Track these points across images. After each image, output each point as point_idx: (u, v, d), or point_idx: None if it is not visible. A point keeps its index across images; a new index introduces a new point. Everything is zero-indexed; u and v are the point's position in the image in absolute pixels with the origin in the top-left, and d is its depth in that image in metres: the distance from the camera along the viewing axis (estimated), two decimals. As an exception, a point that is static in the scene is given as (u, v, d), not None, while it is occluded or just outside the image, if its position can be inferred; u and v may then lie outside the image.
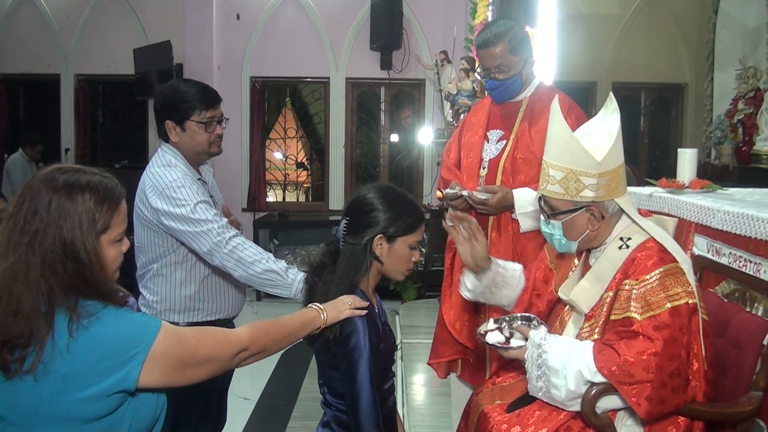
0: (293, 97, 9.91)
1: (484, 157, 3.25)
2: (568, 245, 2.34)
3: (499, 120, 3.27)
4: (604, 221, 2.28)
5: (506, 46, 3.07)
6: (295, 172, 10.02)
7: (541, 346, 2.21)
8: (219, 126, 2.88)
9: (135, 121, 9.89)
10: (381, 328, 2.21)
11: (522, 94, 3.23)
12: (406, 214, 2.23)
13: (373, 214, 2.20)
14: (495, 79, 3.16)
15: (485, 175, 3.21)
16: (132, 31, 9.38)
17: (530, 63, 3.19)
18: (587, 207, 2.25)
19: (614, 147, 2.22)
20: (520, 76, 3.15)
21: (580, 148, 2.21)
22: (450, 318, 3.28)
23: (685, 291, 2.11)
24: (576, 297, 2.32)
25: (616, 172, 2.25)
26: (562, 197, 2.26)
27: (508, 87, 3.17)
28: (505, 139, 3.20)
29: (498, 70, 3.12)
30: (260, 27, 9.26)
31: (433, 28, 9.04)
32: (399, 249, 2.21)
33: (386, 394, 2.23)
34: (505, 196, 3.08)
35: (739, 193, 3.40)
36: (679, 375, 2.05)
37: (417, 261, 2.27)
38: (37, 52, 9.55)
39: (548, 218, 2.34)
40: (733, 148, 6.95)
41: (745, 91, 6.80)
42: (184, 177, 2.77)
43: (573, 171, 2.22)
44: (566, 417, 2.18)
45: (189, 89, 2.87)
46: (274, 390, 5.40)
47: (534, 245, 3.11)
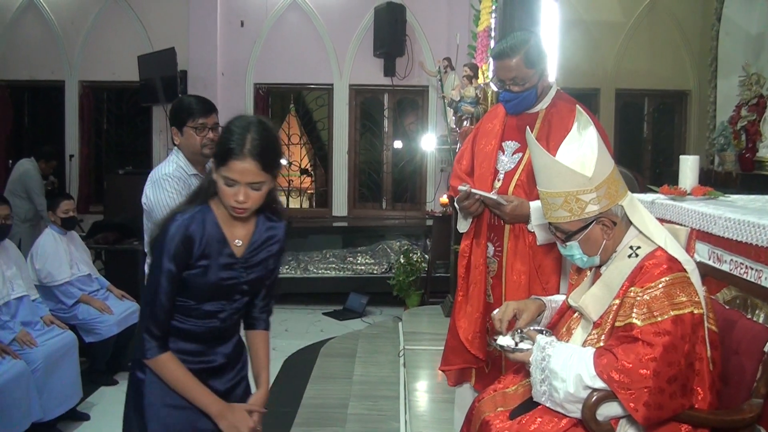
0: (297, 104, 9.93)
1: (499, 169, 3.21)
2: (591, 260, 2.36)
3: (515, 131, 3.22)
4: (617, 226, 2.30)
5: (522, 59, 3.04)
6: (299, 178, 10.04)
7: (545, 350, 2.23)
8: (211, 131, 3.28)
9: (139, 128, 9.92)
10: (206, 248, 2.25)
11: (538, 105, 3.18)
12: (221, 144, 2.20)
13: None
14: (510, 91, 3.13)
15: (499, 187, 3.17)
16: (136, 37, 9.41)
17: (547, 75, 3.16)
18: (597, 219, 2.27)
19: (600, 157, 2.24)
20: (535, 89, 3.12)
21: (568, 170, 2.24)
22: (463, 329, 3.25)
23: (691, 301, 2.11)
24: (585, 304, 2.33)
25: (611, 178, 2.27)
26: (570, 219, 2.28)
27: (523, 99, 3.13)
28: (521, 152, 3.16)
29: (513, 83, 3.09)
30: (264, 34, 9.28)
31: (437, 35, 9.06)
32: (219, 181, 2.21)
33: (204, 314, 2.31)
34: (521, 206, 3.05)
35: (741, 200, 3.40)
36: (676, 381, 2.05)
37: (240, 202, 2.18)
38: (41, 59, 9.59)
39: (563, 242, 2.36)
40: (737, 155, 6.95)
41: (749, 98, 6.81)
42: (175, 170, 3.27)
43: (570, 193, 2.24)
44: (568, 424, 2.18)
45: (188, 100, 3.36)
46: (276, 396, 5.39)
47: (552, 258, 3.10)
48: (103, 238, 7.29)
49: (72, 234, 5.65)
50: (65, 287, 5.29)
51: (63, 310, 5.24)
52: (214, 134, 3.29)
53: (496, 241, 3.22)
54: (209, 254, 2.25)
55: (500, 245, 3.20)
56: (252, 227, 2.37)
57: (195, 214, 2.25)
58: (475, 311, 3.23)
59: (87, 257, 5.77)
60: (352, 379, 5.49)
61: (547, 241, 3.04)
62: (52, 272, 5.24)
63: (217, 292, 2.30)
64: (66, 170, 9.44)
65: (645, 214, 2.33)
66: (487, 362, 3.27)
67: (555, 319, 2.57)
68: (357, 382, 5.40)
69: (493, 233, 3.22)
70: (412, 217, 9.31)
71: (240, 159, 2.13)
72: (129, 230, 7.36)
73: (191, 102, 3.34)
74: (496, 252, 3.22)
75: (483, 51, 6.78)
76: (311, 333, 7.15)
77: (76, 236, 5.77)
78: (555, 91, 3.23)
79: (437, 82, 7.78)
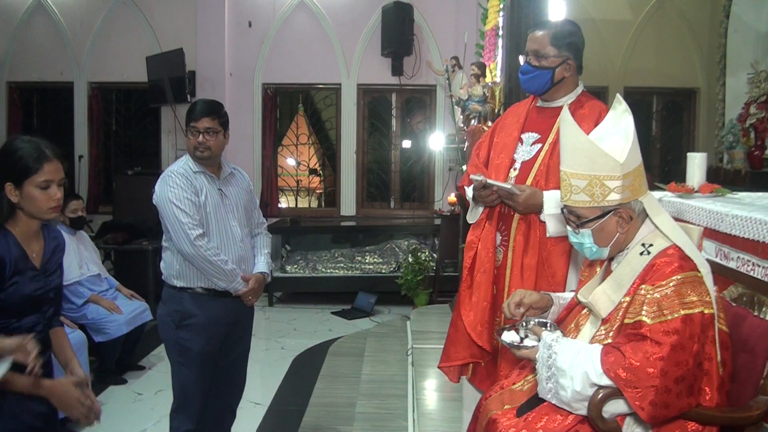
0: (305, 104, 9.95)
1: (516, 158, 3.19)
2: (599, 252, 2.34)
3: (537, 124, 3.21)
4: (633, 222, 2.28)
5: (548, 35, 3.06)
6: (308, 178, 10.06)
7: (552, 347, 2.22)
8: (203, 135, 3.45)
9: (148, 128, 9.95)
10: (15, 266, 2.47)
11: (562, 99, 3.15)
12: (19, 162, 2.46)
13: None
14: (529, 63, 3.12)
15: (515, 176, 3.15)
16: (144, 38, 9.45)
17: (571, 66, 3.11)
18: (615, 210, 2.26)
19: (633, 147, 2.22)
20: (552, 72, 3.09)
21: (601, 152, 2.21)
22: (470, 320, 3.22)
23: (702, 300, 2.09)
24: (595, 301, 2.32)
25: (638, 171, 2.25)
26: (589, 204, 2.26)
27: (535, 77, 3.11)
28: (541, 143, 3.15)
29: (534, 55, 3.09)
30: (272, 34, 9.30)
31: (444, 34, 9.06)
32: (29, 192, 2.47)
33: (25, 331, 2.46)
34: (534, 195, 3.02)
35: (749, 198, 3.39)
36: (683, 380, 2.04)
37: (59, 198, 2.54)
38: (50, 60, 9.64)
39: (577, 228, 2.33)
40: (746, 153, 6.92)
41: (757, 95, 6.77)
42: (180, 168, 3.51)
43: (596, 177, 2.22)
44: (574, 421, 2.18)
45: (194, 103, 3.54)
46: (285, 395, 5.42)
47: (558, 250, 3.08)
48: (112, 238, 7.32)
49: (81, 234, 5.68)
50: (75, 287, 5.31)
51: (72, 309, 5.27)
52: (205, 138, 3.45)
53: (504, 231, 3.20)
54: (19, 271, 2.47)
55: (507, 235, 3.18)
56: (42, 240, 2.63)
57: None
58: (483, 300, 3.20)
59: (96, 257, 5.80)
60: (360, 377, 5.49)
61: (557, 233, 3.02)
62: (61, 272, 5.26)
63: (31, 304, 2.52)
64: (75, 171, 9.49)
65: (665, 214, 2.31)
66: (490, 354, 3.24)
67: (563, 314, 2.57)
68: (365, 381, 5.41)
69: (502, 222, 3.20)
70: (420, 216, 9.32)
71: (48, 162, 2.49)
72: (138, 231, 7.40)
73: (194, 105, 3.51)
74: (503, 241, 3.20)
75: (491, 49, 6.78)
76: (320, 332, 7.17)
77: (85, 236, 5.80)
78: (581, 89, 3.21)
79: (445, 81, 7.77)
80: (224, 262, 3.43)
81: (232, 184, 3.65)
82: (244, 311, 3.65)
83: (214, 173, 3.56)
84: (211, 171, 3.54)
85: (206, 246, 3.38)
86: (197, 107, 3.48)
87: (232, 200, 3.59)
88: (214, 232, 3.48)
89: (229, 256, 3.50)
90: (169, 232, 3.45)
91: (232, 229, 3.54)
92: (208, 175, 3.52)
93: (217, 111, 3.50)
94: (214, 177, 3.55)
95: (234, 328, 3.62)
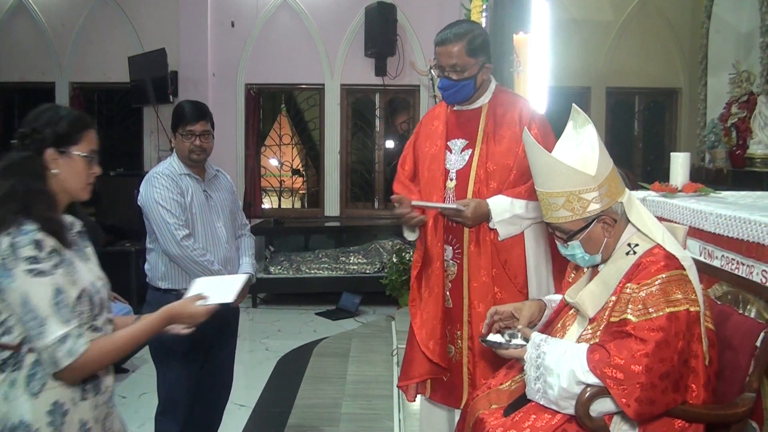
0: (288, 104, 9.92)
1: (449, 168, 3.17)
2: (592, 259, 2.36)
3: (459, 128, 3.20)
4: (617, 224, 2.30)
5: (464, 47, 3.01)
6: (291, 178, 10.02)
7: (540, 347, 2.23)
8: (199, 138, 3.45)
9: (130, 129, 9.88)
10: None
11: (480, 100, 3.17)
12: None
13: None
14: (449, 78, 3.08)
15: (454, 186, 3.14)
16: (127, 38, 9.39)
17: (487, 68, 3.12)
18: (598, 218, 2.27)
19: (601, 155, 2.24)
20: (474, 80, 3.08)
21: (571, 170, 2.23)
22: (422, 337, 3.21)
23: (687, 298, 2.11)
24: (582, 301, 2.33)
25: (612, 176, 2.27)
26: (571, 219, 2.28)
27: (461, 89, 3.09)
28: (471, 148, 3.14)
29: (453, 70, 3.05)
30: (255, 34, 9.27)
31: (427, 35, 9.00)
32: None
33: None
34: (479, 205, 3.02)
35: (732, 197, 3.42)
36: (668, 377, 2.05)
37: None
38: (31, 60, 9.55)
39: (565, 242, 2.35)
40: (727, 152, 6.99)
41: (739, 95, 6.84)
42: (166, 169, 3.48)
43: (572, 192, 2.24)
44: (561, 420, 2.19)
45: (183, 105, 3.55)
46: (270, 397, 5.39)
47: (516, 253, 3.09)
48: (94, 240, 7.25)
49: (63, 236, 5.62)
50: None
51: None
52: (202, 141, 3.46)
53: (455, 243, 3.17)
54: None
55: (459, 247, 3.16)
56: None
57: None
58: (433, 318, 3.19)
59: (79, 259, 5.74)
60: (345, 378, 5.49)
61: (509, 235, 3.06)
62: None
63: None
64: (57, 172, 9.40)
65: (643, 211, 2.33)
66: (447, 370, 3.23)
67: (552, 317, 2.58)
68: (350, 382, 5.41)
69: (451, 235, 3.18)
70: (404, 216, 9.30)
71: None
72: (121, 232, 7.35)
73: (184, 108, 3.50)
74: (455, 255, 3.17)
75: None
76: (304, 333, 7.14)
77: (67, 238, 5.73)
78: (495, 85, 3.22)
79: (428, 81, 7.78)
80: (210, 263, 3.42)
81: (216, 186, 3.65)
82: (229, 312, 3.63)
83: (200, 175, 3.55)
84: (196, 173, 3.53)
85: (192, 246, 3.38)
86: (188, 110, 3.47)
87: (217, 202, 3.59)
88: (199, 234, 3.47)
89: (215, 257, 3.49)
90: (155, 233, 3.42)
91: (218, 230, 3.54)
92: (194, 177, 3.52)
93: (209, 113, 3.53)
94: (199, 179, 3.54)
95: (220, 329, 3.60)
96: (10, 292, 1.95)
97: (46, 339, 1.94)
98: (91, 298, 2.12)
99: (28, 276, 1.94)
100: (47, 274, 1.96)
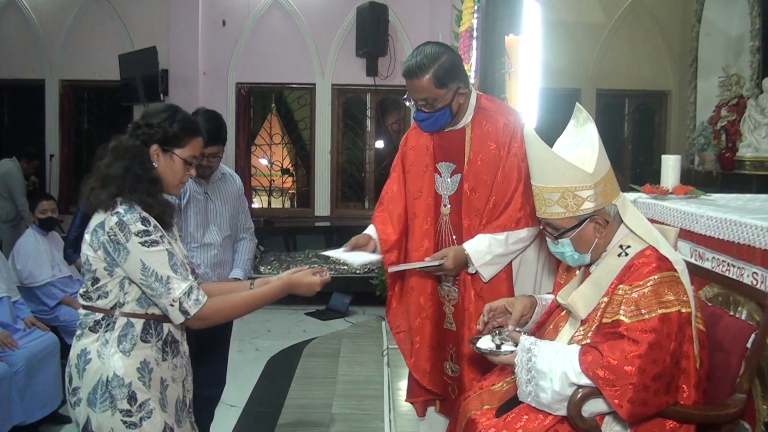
0: (279, 103, 9.92)
1: (441, 193, 3.08)
2: (581, 258, 2.36)
3: (447, 151, 3.07)
4: (609, 225, 2.31)
5: (431, 79, 2.81)
6: (281, 178, 10.02)
7: (531, 351, 2.22)
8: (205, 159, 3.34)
9: (120, 127, 9.53)
10: None
11: (462, 121, 3.00)
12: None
13: None
14: (422, 111, 2.93)
15: (449, 213, 3.06)
16: (117, 36, 9.36)
17: (462, 93, 2.91)
18: (591, 217, 2.28)
19: (600, 154, 2.25)
20: (449, 108, 2.90)
21: (569, 165, 2.23)
22: (418, 369, 3.17)
23: (679, 300, 2.11)
24: (574, 302, 2.33)
25: (608, 177, 2.28)
26: (564, 216, 2.28)
27: (436, 120, 2.93)
28: (460, 172, 3.03)
29: (424, 103, 2.88)
30: (246, 33, 9.26)
31: (419, 35, 9.04)
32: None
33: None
34: (457, 254, 2.90)
35: (722, 199, 3.44)
36: (661, 378, 2.06)
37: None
38: (21, 58, 9.51)
39: (555, 239, 2.35)
40: (717, 155, 7.02)
41: (728, 98, 6.88)
42: None
43: (568, 189, 2.24)
44: (553, 421, 2.19)
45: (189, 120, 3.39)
46: (259, 397, 5.38)
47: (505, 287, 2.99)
48: (83, 239, 7.22)
49: (53, 235, 5.60)
50: (47, 288, 5.24)
51: (45, 311, 5.19)
52: (210, 161, 3.39)
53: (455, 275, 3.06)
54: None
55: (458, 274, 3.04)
56: None
57: None
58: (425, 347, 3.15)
59: (68, 258, 5.72)
60: (336, 378, 5.49)
61: (494, 275, 2.95)
62: (33, 272, 5.18)
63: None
64: (46, 171, 9.36)
65: (637, 214, 2.34)
66: (452, 388, 3.19)
67: (543, 318, 2.58)
68: (341, 382, 5.40)
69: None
70: (394, 216, 9.30)
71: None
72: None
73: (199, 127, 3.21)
74: (455, 281, 3.09)
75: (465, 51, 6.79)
76: (294, 333, 7.13)
77: (57, 237, 5.71)
78: (475, 100, 3.03)
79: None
80: (197, 266, 3.38)
81: (220, 188, 3.59)
82: None
83: (204, 178, 3.49)
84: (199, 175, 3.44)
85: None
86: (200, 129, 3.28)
87: (216, 205, 3.54)
88: (190, 236, 3.45)
89: (204, 261, 3.47)
90: None
91: (211, 234, 3.51)
92: (195, 179, 3.43)
93: (224, 133, 3.45)
94: (201, 181, 3.48)
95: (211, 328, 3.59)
96: (128, 263, 2.26)
97: (174, 293, 2.27)
98: (186, 266, 2.39)
99: (143, 247, 2.25)
100: (159, 243, 2.28)
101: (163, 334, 2.41)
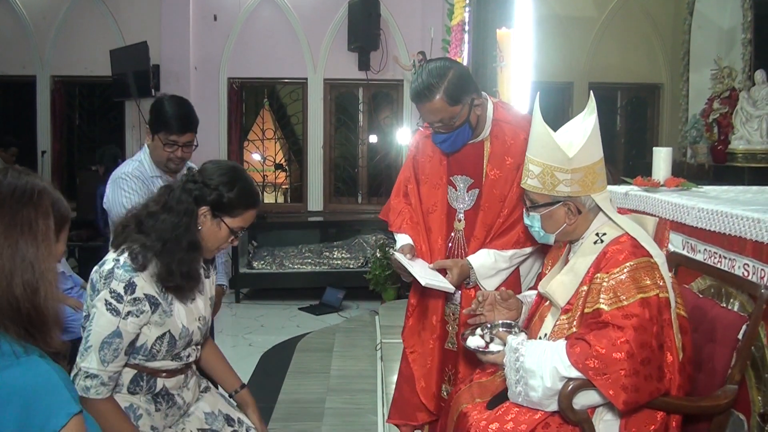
0: (271, 98, 9.89)
1: (457, 208, 2.99)
2: (546, 237, 2.43)
3: (461, 164, 2.94)
4: (582, 216, 2.34)
5: (444, 98, 2.66)
6: (274, 173, 10.00)
7: (518, 350, 2.23)
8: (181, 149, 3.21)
9: (112, 123, 9.81)
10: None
11: (481, 134, 2.86)
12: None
13: None
14: (439, 132, 2.78)
15: (463, 228, 2.97)
16: (108, 32, 9.31)
17: (478, 104, 2.76)
18: (564, 201, 2.32)
19: (588, 144, 2.27)
20: (468, 123, 2.76)
21: (554, 144, 2.28)
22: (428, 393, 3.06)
23: (656, 284, 2.14)
24: (552, 291, 2.37)
25: (592, 169, 2.29)
26: (540, 191, 2.34)
27: (456, 138, 2.79)
28: (477, 188, 2.92)
29: (441, 123, 2.73)
30: (237, 28, 9.23)
31: (411, 29, 9.06)
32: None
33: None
34: (462, 270, 2.84)
35: (714, 191, 3.45)
36: (650, 363, 2.07)
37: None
38: (12, 54, 9.45)
39: (528, 210, 2.42)
40: (709, 147, 7.04)
41: (721, 91, 6.88)
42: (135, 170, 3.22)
43: (549, 166, 2.29)
44: (544, 414, 2.20)
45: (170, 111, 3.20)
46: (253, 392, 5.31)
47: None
48: (76, 235, 7.23)
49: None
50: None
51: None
52: (184, 152, 3.20)
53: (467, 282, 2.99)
54: None
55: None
56: None
57: None
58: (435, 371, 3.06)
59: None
60: (329, 373, 5.49)
61: (495, 286, 2.85)
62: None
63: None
64: (38, 167, 9.32)
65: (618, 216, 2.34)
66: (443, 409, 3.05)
67: (532, 310, 2.59)
68: (334, 377, 5.40)
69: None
70: (387, 211, 9.29)
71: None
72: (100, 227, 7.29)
73: (170, 114, 3.16)
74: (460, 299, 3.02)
75: (457, 45, 6.79)
76: (287, 328, 7.13)
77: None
78: (492, 108, 2.87)
79: (412, 75, 7.77)
80: None
81: None
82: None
83: (172, 177, 3.32)
84: (170, 175, 3.31)
85: None
86: (174, 118, 3.15)
87: None
88: None
89: None
90: None
91: None
92: (166, 180, 3.26)
93: (195, 121, 3.26)
94: (168, 178, 3.30)
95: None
96: (92, 305, 2.15)
97: (81, 363, 2.13)
98: (175, 340, 2.25)
99: (103, 305, 2.12)
100: (118, 315, 2.12)
101: (155, 388, 2.28)
